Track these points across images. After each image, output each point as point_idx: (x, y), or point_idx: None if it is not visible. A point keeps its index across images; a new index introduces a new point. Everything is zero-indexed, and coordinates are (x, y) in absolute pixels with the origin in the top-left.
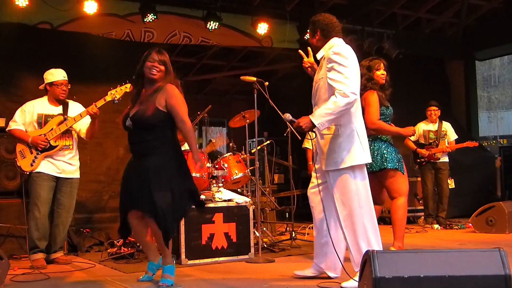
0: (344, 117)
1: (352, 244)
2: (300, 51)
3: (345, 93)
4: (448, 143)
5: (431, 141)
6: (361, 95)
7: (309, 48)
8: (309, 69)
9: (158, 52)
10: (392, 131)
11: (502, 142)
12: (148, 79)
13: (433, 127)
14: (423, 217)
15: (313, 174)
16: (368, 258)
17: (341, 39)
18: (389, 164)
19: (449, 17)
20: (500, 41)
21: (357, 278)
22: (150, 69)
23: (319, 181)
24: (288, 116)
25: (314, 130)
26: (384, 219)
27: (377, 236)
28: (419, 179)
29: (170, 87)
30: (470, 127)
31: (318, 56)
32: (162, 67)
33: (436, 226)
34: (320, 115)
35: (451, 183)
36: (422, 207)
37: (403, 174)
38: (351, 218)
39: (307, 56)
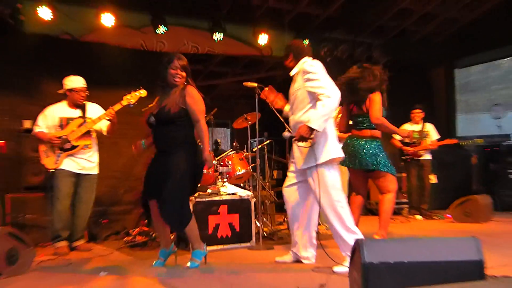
0: None
1: (336, 232)
2: (262, 95)
3: (328, 94)
4: (430, 142)
5: (414, 140)
6: (366, 96)
7: (270, 86)
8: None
9: (179, 58)
10: (391, 129)
11: (477, 142)
12: (170, 84)
13: (417, 127)
14: (407, 209)
15: (290, 174)
16: (357, 246)
17: (310, 58)
18: (383, 168)
19: (431, 28)
20: (477, 50)
21: (347, 263)
22: (174, 77)
23: (295, 180)
24: (287, 133)
25: (311, 136)
26: (372, 211)
27: (352, 222)
28: (403, 175)
29: (190, 88)
30: (450, 128)
31: (292, 73)
32: (184, 73)
33: (418, 217)
34: (315, 119)
35: (433, 179)
36: (406, 200)
37: (393, 175)
38: (333, 209)
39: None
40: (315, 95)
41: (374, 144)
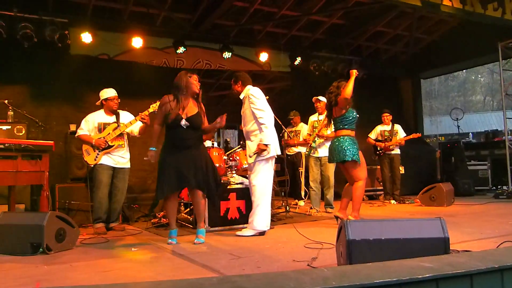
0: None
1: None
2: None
3: (264, 118)
4: (398, 139)
5: (385, 137)
6: (335, 101)
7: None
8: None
9: (194, 73)
10: (351, 84)
11: (440, 139)
12: (191, 91)
13: (388, 127)
14: (382, 195)
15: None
16: (343, 225)
17: (251, 85)
18: (347, 158)
19: (400, 47)
20: (438, 64)
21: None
22: (197, 86)
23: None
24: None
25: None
26: None
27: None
28: (378, 167)
29: (201, 104)
30: (417, 128)
31: (241, 97)
32: (199, 84)
33: (392, 201)
34: (265, 138)
35: (402, 170)
36: (381, 188)
37: (359, 163)
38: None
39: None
40: (255, 115)
41: (348, 141)
